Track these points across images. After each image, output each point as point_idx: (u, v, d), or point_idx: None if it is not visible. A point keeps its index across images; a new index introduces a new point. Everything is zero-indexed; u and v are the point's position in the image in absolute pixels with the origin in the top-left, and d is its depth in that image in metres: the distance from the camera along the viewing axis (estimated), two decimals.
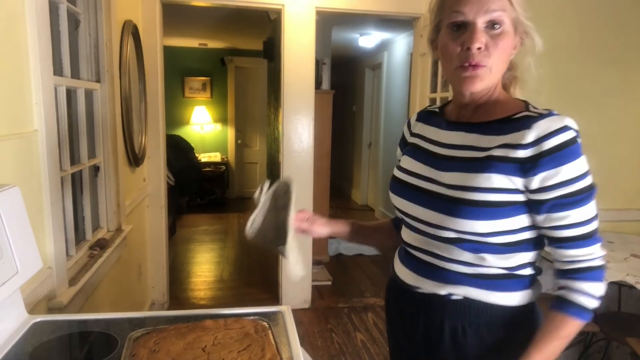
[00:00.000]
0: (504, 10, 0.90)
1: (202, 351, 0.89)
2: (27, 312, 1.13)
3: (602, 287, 0.93)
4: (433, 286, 1.00)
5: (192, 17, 4.89)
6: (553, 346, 0.91)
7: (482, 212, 0.90)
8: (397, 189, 1.07)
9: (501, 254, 0.94)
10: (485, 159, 0.91)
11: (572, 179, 0.87)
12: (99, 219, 2.28)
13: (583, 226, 0.89)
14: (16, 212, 1.07)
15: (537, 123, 0.88)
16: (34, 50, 1.42)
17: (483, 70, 0.91)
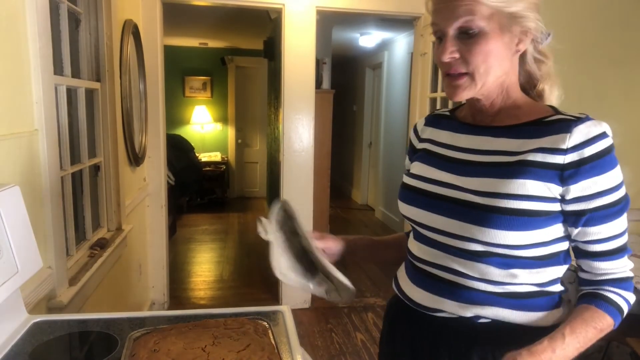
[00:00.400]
0: (472, 13, 0.81)
1: (202, 351, 0.89)
2: (27, 312, 1.13)
3: (633, 297, 0.88)
4: (457, 308, 0.89)
5: (192, 16, 4.89)
6: (586, 333, 0.83)
7: (515, 221, 0.82)
8: (409, 197, 0.97)
9: (532, 268, 0.87)
10: (517, 163, 0.84)
11: (610, 189, 0.82)
12: (99, 219, 2.28)
13: (616, 239, 0.85)
14: (16, 212, 1.07)
15: (577, 127, 0.82)
16: (35, 50, 1.42)
17: (464, 80, 0.86)
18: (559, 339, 0.81)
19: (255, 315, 1.10)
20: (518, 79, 0.93)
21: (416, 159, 1.02)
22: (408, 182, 0.99)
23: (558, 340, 0.81)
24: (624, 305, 0.86)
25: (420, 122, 1.09)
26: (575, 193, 0.82)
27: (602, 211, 0.83)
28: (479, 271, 0.87)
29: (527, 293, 0.88)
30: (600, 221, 0.83)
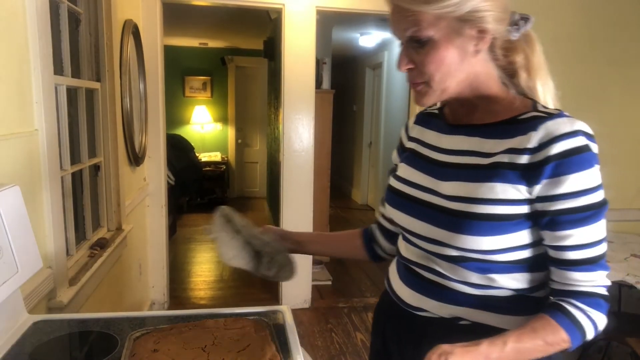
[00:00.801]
0: (417, 24, 0.79)
1: (202, 351, 0.89)
2: (27, 312, 1.13)
3: (604, 320, 0.80)
4: (438, 308, 0.89)
5: (192, 16, 4.89)
6: (533, 345, 0.77)
7: (487, 226, 0.80)
8: (394, 201, 0.97)
9: (511, 273, 0.84)
10: (490, 166, 0.82)
11: (579, 191, 0.76)
12: (99, 219, 2.28)
13: (588, 248, 0.78)
14: (16, 212, 1.07)
15: (544, 124, 0.79)
16: (35, 50, 1.42)
17: (422, 88, 0.85)
18: (498, 345, 0.77)
19: (256, 316, 1.10)
20: (494, 73, 0.88)
21: (403, 160, 1.01)
22: (394, 186, 0.99)
23: (497, 346, 0.77)
24: (587, 325, 0.79)
25: (412, 120, 1.08)
26: (539, 192, 0.79)
27: (569, 215, 0.77)
28: (458, 274, 0.87)
29: (507, 297, 0.86)
30: (567, 226, 0.78)
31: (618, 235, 2.59)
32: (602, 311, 0.80)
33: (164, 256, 3.32)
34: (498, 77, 0.88)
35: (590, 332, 0.79)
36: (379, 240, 1.16)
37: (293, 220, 3.42)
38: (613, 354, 2.60)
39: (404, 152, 1.04)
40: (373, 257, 1.18)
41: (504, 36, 0.86)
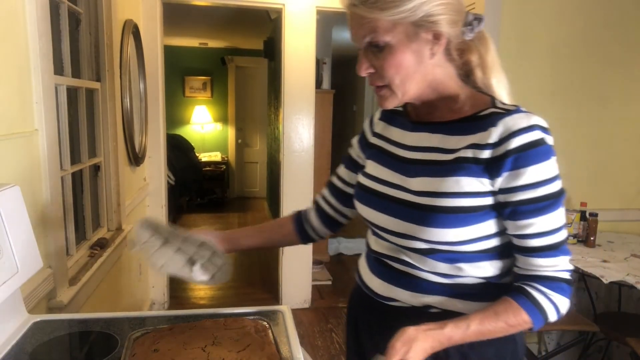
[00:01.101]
0: (374, 31, 0.82)
1: (201, 351, 0.89)
2: (27, 312, 1.13)
3: (567, 304, 0.84)
4: (409, 297, 0.93)
5: (192, 16, 4.89)
6: (495, 327, 0.82)
7: (453, 219, 0.84)
8: (363, 197, 1.00)
9: (477, 262, 0.88)
10: (453, 161, 0.86)
11: (538, 182, 0.81)
12: (99, 219, 2.28)
13: (549, 235, 0.83)
14: (16, 212, 1.07)
15: (503, 120, 0.83)
16: (35, 50, 1.42)
17: (384, 91, 0.88)
18: (462, 327, 0.81)
19: (255, 315, 1.10)
20: (452, 72, 0.91)
21: (370, 157, 1.04)
22: (363, 182, 1.01)
23: (460, 329, 0.81)
24: (549, 307, 0.83)
25: (376, 115, 1.09)
26: (501, 185, 0.83)
27: (529, 205, 0.82)
28: (428, 265, 0.90)
29: (475, 285, 0.90)
30: (528, 215, 0.82)
31: (618, 235, 2.59)
32: (565, 294, 0.84)
33: None
34: (456, 76, 0.92)
35: (552, 314, 0.84)
36: (313, 222, 1.18)
37: None
38: (613, 354, 2.60)
39: (368, 147, 1.07)
40: (304, 240, 1.20)
41: (459, 37, 0.88)
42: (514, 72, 2.47)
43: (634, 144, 2.65)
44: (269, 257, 4.46)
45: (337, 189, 1.16)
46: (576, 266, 2.08)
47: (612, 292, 2.60)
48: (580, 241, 2.41)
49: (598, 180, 2.63)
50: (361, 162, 1.10)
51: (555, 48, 2.49)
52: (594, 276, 1.98)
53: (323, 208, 1.17)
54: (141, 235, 1.03)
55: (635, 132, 2.64)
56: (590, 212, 2.37)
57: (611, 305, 2.62)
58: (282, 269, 3.47)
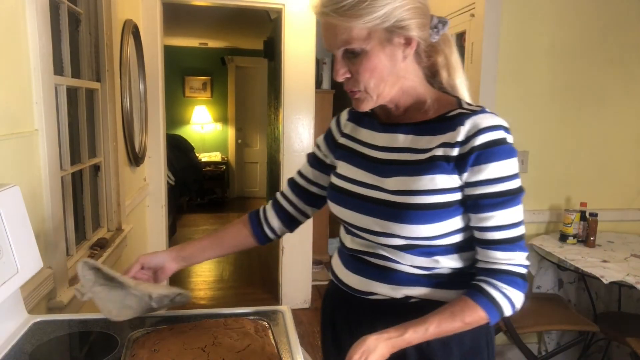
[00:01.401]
0: (349, 42, 0.85)
1: (201, 351, 0.89)
2: (27, 312, 1.13)
3: (521, 298, 0.89)
4: (388, 290, 0.95)
5: (192, 16, 4.89)
6: (452, 327, 0.87)
7: (428, 215, 0.88)
8: (337, 198, 1.02)
9: (453, 254, 0.93)
10: (427, 160, 0.90)
11: (498, 178, 0.86)
12: (99, 219, 2.28)
13: (506, 230, 0.87)
14: (16, 212, 1.07)
15: (469, 119, 0.88)
16: (35, 50, 1.42)
17: (360, 94, 0.92)
18: (420, 332, 0.86)
19: (256, 316, 1.10)
20: (420, 74, 0.96)
21: (341, 158, 1.06)
22: (336, 183, 1.03)
23: (419, 333, 0.86)
24: (504, 302, 0.87)
25: (344, 115, 1.13)
26: (466, 179, 0.87)
27: (489, 199, 0.86)
28: (406, 259, 0.94)
29: (450, 275, 0.94)
30: (488, 209, 0.87)
31: (618, 235, 2.59)
32: (519, 289, 0.89)
33: None
34: (423, 78, 0.96)
35: (507, 308, 0.88)
36: (272, 222, 1.18)
37: None
38: (613, 354, 2.60)
39: (337, 147, 1.09)
40: (261, 241, 1.20)
41: (427, 40, 0.93)
42: (514, 72, 2.47)
43: (634, 144, 2.65)
44: (269, 257, 4.46)
45: (300, 187, 1.17)
46: (576, 266, 2.08)
47: (612, 292, 2.60)
48: (580, 241, 2.41)
49: (598, 180, 2.63)
50: (328, 161, 1.12)
51: (555, 48, 2.49)
52: (594, 276, 1.98)
53: (284, 207, 1.18)
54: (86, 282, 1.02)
55: (635, 132, 2.64)
56: (590, 212, 2.37)
57: (611, 305, 2.62)
58: (282, 269, 3.47)
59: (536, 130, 2.54)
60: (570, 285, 2.63)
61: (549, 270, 2.58)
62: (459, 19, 2.64)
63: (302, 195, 1.17)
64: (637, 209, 2.70)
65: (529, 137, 2.53)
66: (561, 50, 2.50)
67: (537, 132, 2.54)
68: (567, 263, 2.14)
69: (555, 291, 2.62)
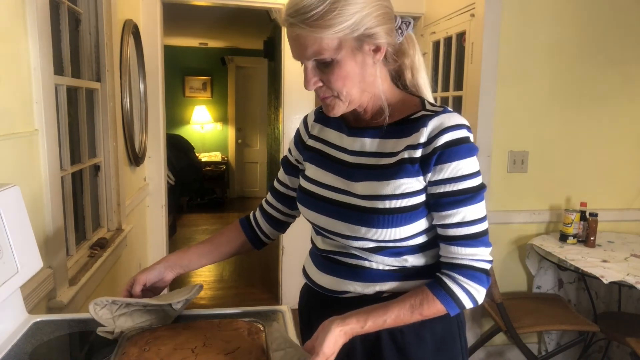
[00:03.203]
0: (320, 52, 0.85)
1: (191, 352, 0.89)
2: (27, 312, 1.13)
3: (482, 292, 0.90)
4: (361, 287, 0.97)
5: (192, 16, 4.89)
6: (409, 319, 0.89)
7: (396, 219, 0.89)
8: (307, 202, 1.03)
9: (421, 252, 0.95)
10: (394, 164, 0.91)
11: (461, 176, 0.87)
12: (99, 219, 2.28)
13: (469, 226, 0.88)
14: (16, 212, 1.07)
15: (432, 120, 0.89)
16: (35, 50, 1.42)
17: (331, 99, 0.91)
18: (379, 323, 0.88)
19: (254, 316, 1.10)
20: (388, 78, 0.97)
21: (310, 161, 1.06)
22: (305, 187, 1.04)
23: (378, 324, 0.88)
24: (463, 296, 0.89)
25: (311, 116, 1.12)
26: (429, 179, 0.89)
27: (455, 197, 0.87)
28: (376, 259, 0.96)
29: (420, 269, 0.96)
30: (449, 207, 0.88)
31: (618, 235, 2.59)
32: (481, 284, 0.90)
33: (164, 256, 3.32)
34: (390, 80, 0.98)
35: (466, 302, 0.90)
36: (263, 226, 1.21)
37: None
38: (613, 354, 2.60)
39: (305, 149, 1.09)
40: (257, 246, 1.22)
41: (394, 43, 0.94)
42: (514, 72, 2.47)
43: (634, 144, 2.65)
44: (269, 257, 4.46)
45: (280, 194, 1.18)
46: (576, 266, 2.09)
47: (612, 292, 2.60)
48: (580, 241, 2.41)
49: (598, 180, 2.63)
50: (301, 166, 1.12)
51: (555, 48, 2.49)
52: (594, 276, 1.98)
53: (270, 213, 1.20)
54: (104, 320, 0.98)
55: (635, 132, 2.64)
56: (590, 212, 2.37)
57: (611, 305, 2.62)
58: (282, 269, 3.47)
59: (536, 130, 2.54)
60: (570, 285, 2.63)
61: (549, 270, 2.58)
62: (459, 19, 2.64)
63: (284, 200, 1.18)
64: (637, 209, 2.70)
65: (529, 137, 2.53)
66: (561, 50, 2.50)
67: (537, 132, 2.54)
68: (567, 263, 2.14)
69: (555, 291, 2.62)
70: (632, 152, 2.65)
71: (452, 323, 1.00)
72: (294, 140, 1.15)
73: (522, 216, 2.59)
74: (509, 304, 2.27)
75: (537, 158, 2.55)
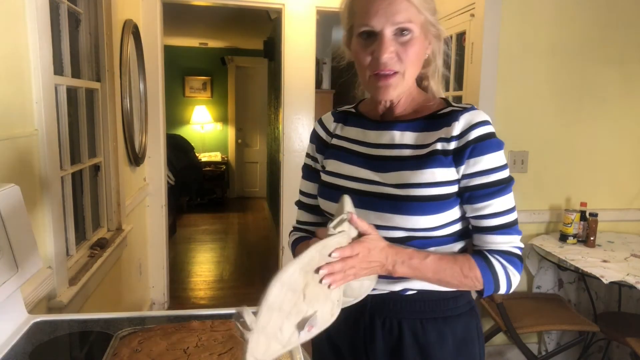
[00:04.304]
0: (410, 21, 0.90)
1: (183, 352, 0.89)
2: (27, 312, 1.13)
3: (517, 278, 0.94)
4: (386, 284, 0.97)
5: (192, 16, 4.89)
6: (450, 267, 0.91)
7: (430, 206, 0.92)
8: (332, 195, 1.02)
9: (447, 244, 0.97)
10: (427, 154, 0.94)
11: (492, 169, 0.91)
12: (99, 219, 2.28)
13: (503, 216, 0.93)
14: (16, 212, 1.07)
15: (463, 115, 0.93)
16: (35, 50, 1.42)
17: (396, 78, 0.93)
18: (422, 254, 0.90)
19: None
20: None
21: (331, 157, 1.07)
22: (328, 180, 1.05)
23: (421, 254, 0.90)
24: (502, 276, 0.92)
25: (328, 118, 1.14)
26: (465, 171, 0.92)
27: (487, 189, 0.92)
28: None
29: None
30: (486, 198, 0.92)
31: (618, 235, 2.59)
32: (518, 269, 0.94)
33: (164, 256, 3.32)
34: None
35: (503, 283, 0.92)
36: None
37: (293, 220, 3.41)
38: (613, 354, 2.60)
39: (327, 149, 1.10)
40: None
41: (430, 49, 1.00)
42: (514, 72, 2.47)
43: (634, 143, 2.65)
44: (269, 257, 4.46)
45: (309, 206, 1.16)
46: (576, 266, 2.08)
47: (612, 292, 2.60)
48: (580, 241, 2.41)
49: (598, 180, 2.63)
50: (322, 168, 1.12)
51: (555, 48, 2.49)
52: (594, 276, 1.97)
53: (308, 230, 1.20)
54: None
55: (635, 132, 2.64)
56: (590, 212, 2.37)
57: (611, 305, 2.62)
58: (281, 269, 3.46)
59: (536, 130, 2.54)
60: (570, 285, 2.63)
61: (549, 270, 2.58)
62: (459, 19, 2.64)
63: (315, 211, 1.15)
64: (637, 209, 2.70)
65: (529, 137, 2.53)
66: (561, 50, 2.50)
67: (537, 132, 2.54)
68: (567, 263, 2.14)
69: (555, 291, 2.62)
70: (632, 152, 2.65)
71: (471, 324, 1.01)
72: (314, 147, 1.14)
73: (522, 216, 2.57)
74: (509, 304, 2.27)
75: (537, 158, 2.55)
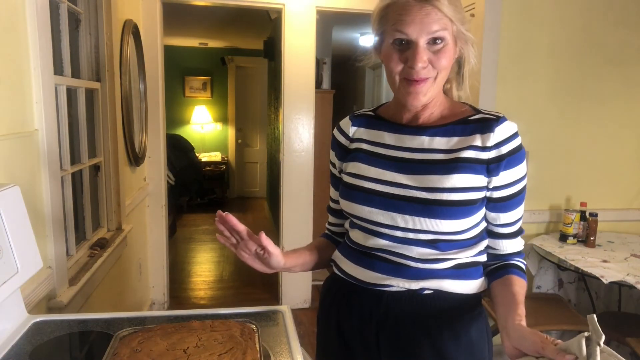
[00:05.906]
0: (445, 29, 0.92)
1: (183, 352, 0.89)
2: (27, 312, 1.13)
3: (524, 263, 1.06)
4: (404, 283, 0.99)
5: (192, 16, 4.89)
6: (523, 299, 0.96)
7: (458, 211, 0.94)
8: (356, 197, 1.03)
9: (468, 246, 1.01)
10: (454, 160, 0.96)
11: (518, 179, 0.98)
12: (99, 219, 2.28)
13: (517, 223, 1.02)
14: (16, 212, 1.07)
15: (498, 127, 0.96)
16: (35, 50, 1.42)
17: (427, 84, 0.94)
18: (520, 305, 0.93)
19: (254, 316, 1.10)
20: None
21: (353, 160, 1.07)
22: (353, 182, 1.04)
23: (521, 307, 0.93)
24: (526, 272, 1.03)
25: (346, 123, 1.12)
26: (497, 183, 0.96)
27: (514, 199, 0.98)
28: (425, 255, 0.98)
29: (463, 264, 1.01)
30: (510, 208, 0.99)
31: (618, 235, 2.59)
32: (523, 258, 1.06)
33: (164, 256, 3.32)
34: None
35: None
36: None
37: (293, 220, 3.42)
38: None
39: (348, 153, 1.10)
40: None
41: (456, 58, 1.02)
42: (514, 72, 2.47)
43: (634, 144, 2.65)
44: None
45: (339, 211, 1.15)
46: (576, 266, 2.08)
47: (612, 292, 2.60)
48: (580, 241, 2.41)
49: (598, 180, 2.63)
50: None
51: (555, 48, 2.49)
52: (594, 276, 1.98)
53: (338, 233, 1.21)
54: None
55: (635, 132, 2.64)
56: (590, 212, 2.37)
57: (611, 305, 2.62)
58: None
59: (536, 130, 2.54)
60: (570, 285, 2.63)
61: (549, 270, 2.58)
62: None
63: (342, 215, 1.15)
64: (637, 209, 2.70)
65: (529, 137, 2.53)
66: (561, 50, 2.50)
67: (537, 132, 2.54)
68: (567, 263, 2.14)
69: (555, 291, 2.62)
70: (632, 152, 2.65)
71: (483, 325, 1.03)
72: (334, 154, 1.14)
73: None
74: None
75: (537, 158, 2.55)
